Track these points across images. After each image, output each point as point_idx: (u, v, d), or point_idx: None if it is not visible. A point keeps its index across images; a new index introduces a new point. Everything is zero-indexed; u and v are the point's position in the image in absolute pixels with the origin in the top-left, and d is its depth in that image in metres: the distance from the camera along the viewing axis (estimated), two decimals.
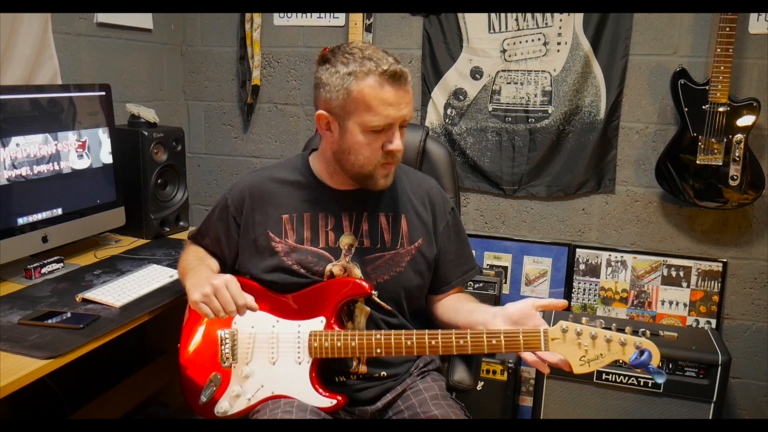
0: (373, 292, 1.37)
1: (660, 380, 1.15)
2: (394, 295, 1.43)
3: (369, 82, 1.29)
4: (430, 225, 1.48)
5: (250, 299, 1.27)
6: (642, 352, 1.13)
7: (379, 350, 1.29)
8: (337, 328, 1.35)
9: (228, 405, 1.36)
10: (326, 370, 1.41)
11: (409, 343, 1.28)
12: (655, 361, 1.13)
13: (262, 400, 1.35)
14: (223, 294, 1.25)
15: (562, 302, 1.25)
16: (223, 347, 1.36)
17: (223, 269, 1.52)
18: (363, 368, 1.42)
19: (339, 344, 1.30)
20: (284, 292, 1.41)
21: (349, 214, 1.44)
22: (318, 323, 1.35)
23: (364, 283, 1.36)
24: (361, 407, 1.43)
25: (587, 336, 1.16)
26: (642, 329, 1.24)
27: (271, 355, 1.35)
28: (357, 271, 1.41)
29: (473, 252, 1.60)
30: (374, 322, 1.42)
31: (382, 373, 1.43)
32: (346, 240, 1.42)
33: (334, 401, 1.34)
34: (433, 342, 1.25)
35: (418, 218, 1.46)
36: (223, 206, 1.52)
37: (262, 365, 1.35)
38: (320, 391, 1.34)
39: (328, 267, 1.41)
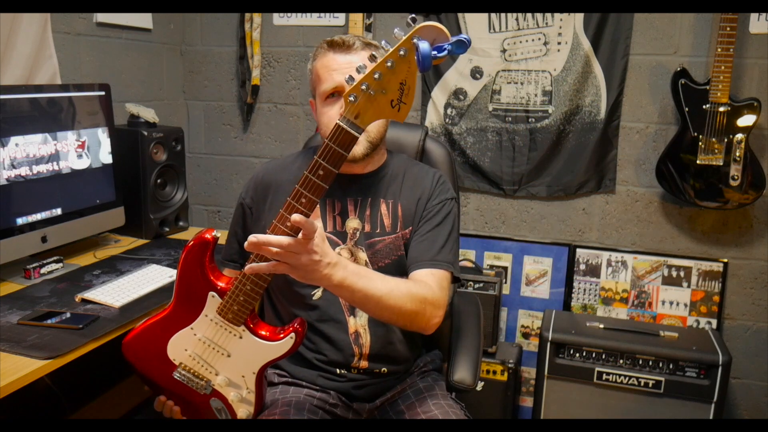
0: (215, 233, 1.28)
1: (461, 50, 1.00)
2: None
3: (319, 56, 1.41)
4: (421, 206, 1.46)
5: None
6: (417, 50, 0.98)
7: (267, 275, 1.19)
8: (227, 286, 1.27)
9: (246, 410, 1.34)
10: (328, 363, 1.42)
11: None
12: (443, 38, 1.00)
13: (257, 381, 1.32)
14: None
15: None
16: (191, 383, 1.34)
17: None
18: (364, 363, 1.41)
19: (242, 297, 1.23)
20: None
21: (354, 200, 1.45)
22: (214, 300, 1.28)
23: (206, 235, 1.27)
24: (359, 403, 1.43)
25: (374, 83, 1.03)
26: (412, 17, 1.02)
27: (221, 353, 1.31)
28: (362, 255, 1.42)
29: (454, 253, 1.46)
30: None
31: (383, 369, 1.43)
32: (351, 224, 1.43)
33: (292, 335, 1.27)
34: (289, 224, 1.08)
35: (412, 204, 1.46)
36: (238, 205, 1.54)
37: (226, 364, 1.32)
38: (275, 338, 1.28)
39: (336, 250, 1.41)
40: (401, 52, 1.01)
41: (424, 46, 0.99)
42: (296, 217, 1.05)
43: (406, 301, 1.25)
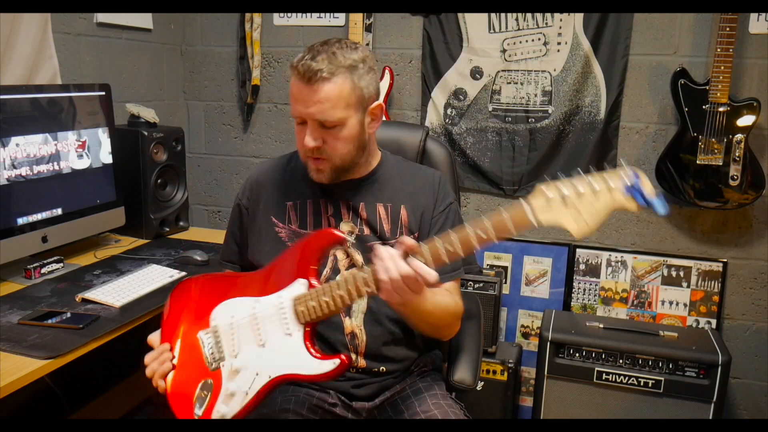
0: (349, 238, 1.27)
1: (661, 211, 1.04)
2: None
3: (291, 75, 1.33)
4: (428, 215, 1.47)
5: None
6: (632, 186, 1.04)
7: (368, 288, 1.18)
8: (320, 284, 1.25)
9: (225, 408, 1.24)
10: None
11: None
12: (648, 188, 1.03)
13: (262, 389, 1.25)
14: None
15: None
16: (206, 350, 1.28)
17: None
18: (362, 362, 1.41)
19: (326, 298, 1.19)
20: None
21: (347, 203, 1.44)
22: (299, 287, 1.24)
23: (337, 232, 1.26)
24: (359, 402, 1.43)
25: (574, 195, 1.07)
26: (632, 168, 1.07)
27: (258, 338, 1.25)
28: (358, 257, 1.41)
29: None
30: (372, 315, 1.41)
31: (381, 368, 1.43)
32: (345, 227, 1.43)
33: (337, 361, 1.20)
34: (422, 260, 1.13)
35: (418, 209, 1.46)
36: (235, 206, 1.55)
37: (251, 352, 1.25)
38: (318, 356, 1.22)
39: (331, 252, 1.42)
40: (612, 184, 1.05)
41: (652, 200, 1.03)
42: (435, 278, 1.11)
43: (444, 317, 1.35)
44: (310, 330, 1.23)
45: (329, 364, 1.20)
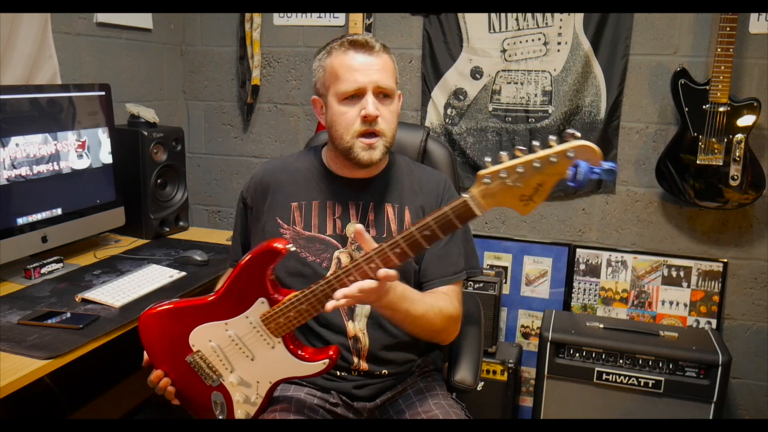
0: (289, 246, 1.24)
1: (610, 177, 1.02)
2: None
3: (337, 54, 1.38)
4: None
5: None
6: (576, 167, 1.00)
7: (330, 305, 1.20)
8: (281, 298, 1.27)
9: (246, 411, 1.35)
10: None
11: (351, 278, 1.17)
12: (595, 160, 1.00)
13: (269, 390, 1.34)
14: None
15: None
16: (200, 372, 1.35)
17: None
18: (364, 365, 1.41)
19: (292, 314, 1.24)
20: (292, 278, 1.40)
21: (355, 204, 1.45)
22: (261, 306, 1.27)
23: (276, 244, 1.24)
24: (360, 402, 1.43)
25: (514, 175, 1.04)
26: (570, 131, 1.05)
27: (245, 354, 1.31)
28: None
29: (470, 255, 1.52)
30: (375, 319, 1.41)
31: (383, 371, 1.43)
32: (352, 228, 1.43)
33: (326, 360, 1.29)
34: (372, 265, 1.14)
35: (420, 211, 1.46)
36: (239, 201, 1.56)
37: (245, 366, 1.32)
38: (307, 358, 1.30)
39: (336, 254, 1.42)
40: (552, 159, 1.02)
41: (585, 166, 1.01)
42: (393, 273, 1.14)
43: (438, 320, 1.36)
44: (288, 336, 1.30)
45: (319, 365, 1.29)
